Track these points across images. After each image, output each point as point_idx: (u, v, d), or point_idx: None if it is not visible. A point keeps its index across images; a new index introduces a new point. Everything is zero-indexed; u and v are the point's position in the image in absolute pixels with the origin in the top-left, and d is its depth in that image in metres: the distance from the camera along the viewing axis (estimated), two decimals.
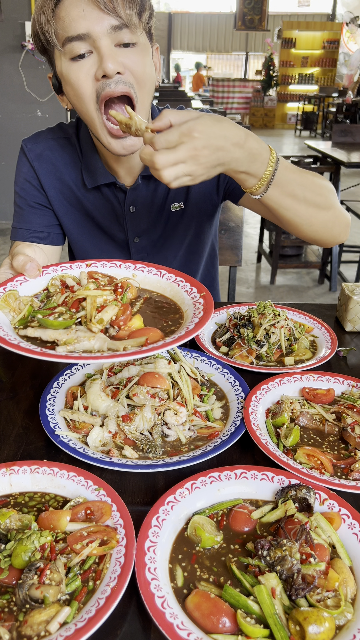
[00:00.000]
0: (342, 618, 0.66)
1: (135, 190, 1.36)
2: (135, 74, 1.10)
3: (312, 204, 1.15)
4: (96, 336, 0.90)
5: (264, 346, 1.26)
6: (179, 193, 1.41)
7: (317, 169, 4.51)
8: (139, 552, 0.72)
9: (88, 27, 1.05)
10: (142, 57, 1.12)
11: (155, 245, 1.48)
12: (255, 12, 17.05)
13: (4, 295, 0.97)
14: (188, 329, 0.92)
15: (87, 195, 1.40)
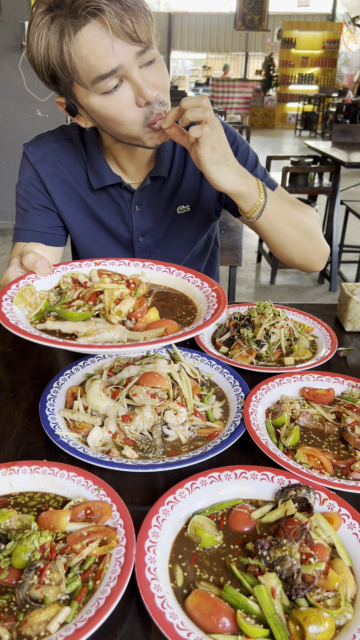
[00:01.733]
0: (342, 618, 0.66)
1: (142, 190, 1.37)
2: (163, 89, 1.14)
3: (298, 230, 1.31)
4: (116, 327, 0.91)
5: (264, 346, 1.26)
6: (185, 196, 1.43)
7: (317, 169, 4.52)
8: (139, 552, 0.72)
9: (119, 61, 1.04)
10: (162, 69, 1.15)
11: (159, 245, 1.48)
12: (255, 12, 17.06)
13: (20, 290, 0.97)
14: (205, 319, 0.92)
15: (92, 196, 1.40)
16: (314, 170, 4.53)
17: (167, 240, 1.48)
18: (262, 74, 17.31)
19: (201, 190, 1.43)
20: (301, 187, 4.62)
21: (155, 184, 1.39)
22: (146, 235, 1.44)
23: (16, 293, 0.96)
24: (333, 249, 4.55)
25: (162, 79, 1.14)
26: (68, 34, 1.02)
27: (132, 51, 1.05)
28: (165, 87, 1.15)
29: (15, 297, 0.95)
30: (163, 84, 1.14)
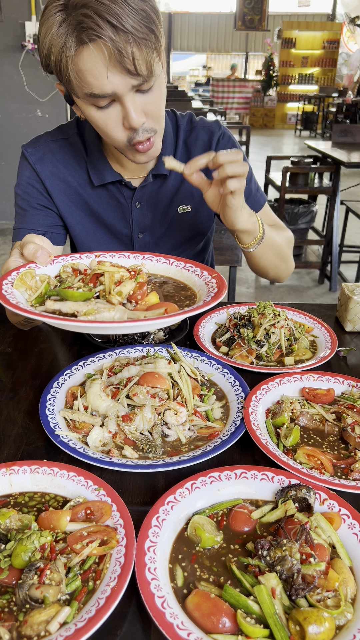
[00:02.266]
0: (342, 618, 0.66)
1: (144, 187, 1.38)
2: (154, 117, 1.14)
3: (279, 257, 1.46)
4: (116, 307, 0.91)
5: (264, 346, 1.26)
6: (187, 197, 1.44)
7: (317, 169, 4.52)
8: (139, 552, 0.72)
9: (113, 88, 1.04)
10: (158, 96, 1.13)
11: (158, 243, 1.49)
12: (255, 12, 17.05)
13: (21, 273, 0.97)
14: (206, 300, 0.93)
15: (92, 194, 1.41)
16: (314, 170, 4.53)
17: (167, 238, 1.49)
18: (262, 74, 17.31)
19: (199, 191, 1.42)
20: (301, 187, 4.62)
21: (156, 182, 1.40)
22: (145, 231, 1.45)
23: (17, 277, 0.96)
24: (333, 249, 4.55)
25: (155, 107, 1.13)
26: (69, 47, 1.00)
27: (129, 83, 1.04)
28: (156, 115, 1.14)
29: (16, 281, 0.95)
30: (155, 112, 1.14)
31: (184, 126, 1.42)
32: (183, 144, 1.42)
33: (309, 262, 4.75)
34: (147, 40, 0.99)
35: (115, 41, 0.96)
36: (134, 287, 0.95)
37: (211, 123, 1.44)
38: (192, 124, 1.43)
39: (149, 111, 1.12)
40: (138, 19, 0.97)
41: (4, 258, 5.16)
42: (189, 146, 1.42)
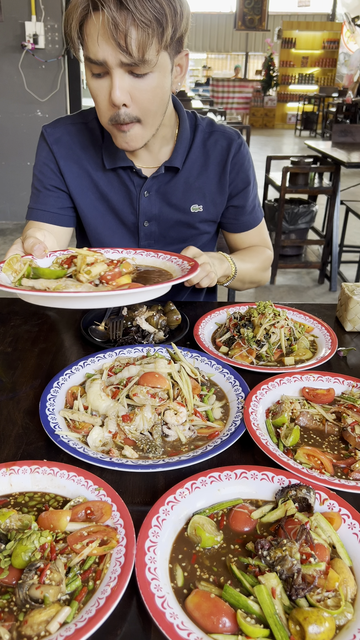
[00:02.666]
0: (342, 618, 0.66)
1: (155, 178, 1.41)
2: (141, 105, 1.17)
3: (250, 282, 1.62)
4: (83, 285, 0.99)
5: (264, 346, 1.26)
6: (198, 196, 1.47)
7: (317, 169, 4.52)
8: (139, 552, 0.72)
9: (104, 57, 1.09)
10: (153, 86, 1.15)
11: (164, 235, 1.51)
12: (255, 12, 17.04)
13: (8, 259, 1.07)
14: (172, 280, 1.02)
15: (104, 177, 1.44)
16: (314, 170, 4.53)
17: (174, 232, 1.51)
18: (262, 74, 17.30)
19: (218, 195, 1.49)
20: (301, 187, 4.62)
21: (167, 175, 1.43)
22: (152, 221, 1.47)
23: (4, 263, 1.06)
24: (333, 249, 4.55)
25: (144, 96, 1.15)
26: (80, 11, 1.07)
27: (118, 57, 1.07)
28: (143, 104, 1.16)
29: (4, 265, 1.06)
30: (142, 101, 1.16)
31: (203, 127, 1.46)
32: (201, 144, 1.45)
33: (309, 262, 4.75)
34: (147, 26, 1.04)
35: (114, 15, 1.01)
36: (105, 269, 1.01)
37: (231, 131, 1.48)
38: (213, 128, 1.47)
39: (135, 97, 1.15)
40: (147, 5, 1.02)
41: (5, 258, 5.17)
42: (208, 148, 1.45)
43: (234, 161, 1.46)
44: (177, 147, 1.39)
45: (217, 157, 1.44)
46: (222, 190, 1.49)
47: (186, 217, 1.48)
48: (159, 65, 1.13)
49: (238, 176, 1.49)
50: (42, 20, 5.39)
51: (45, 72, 5.61)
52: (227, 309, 1.49)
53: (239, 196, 1.51)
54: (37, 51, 5.48)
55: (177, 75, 1.24)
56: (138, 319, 1.35)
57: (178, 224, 1.49)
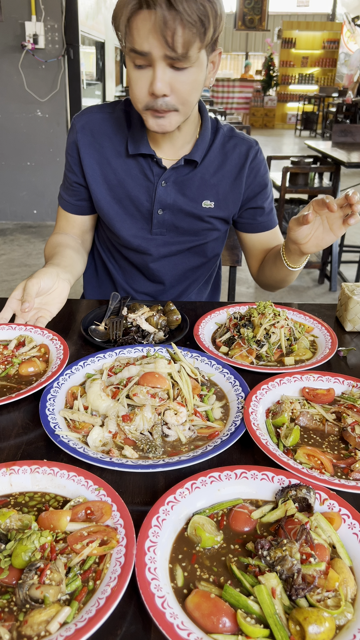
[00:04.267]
0: (342, 618, 0.66)
1: (174, 169, 1.48)
2: (180, 96, 1.25)
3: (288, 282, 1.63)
4: None
5: (264, 346, 1.26)
6: (211, 193, 1.53)
7: (317, 169, 4.51)
8: (139, 552, 0.72)
9: (150, 49, 1.16)
10: (191, 79, 1.24)
11: (176, 225, 1.55)
12: (255, 12, 17.06)
13: None
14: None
15: (123, 164, 1.50)
16: (314, 170, 4.53)
17: (185, 223, 1.55)
18: (262, 74, 17.30)
19: (230, 195, 1.54)
20: (301, 187, 4.62)
21: (186, 168, 1.49)
22: (166, 209, 1.52)
23: None
24: (333, 248, 4.55)
25: (183, 88, 1.23)
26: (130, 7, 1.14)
27: (162, 51, 1.15)
28: (182, 95, 1.25)
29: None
30: (182, 92, 1.24)
31: (224, 132, 1.53)
32: (220, 146, 1.51)
33: (309, 262, 4.75)
34: (192, 25, 1.12)
35: (165, 13, 1.10)
36: None
37: (250, 138, 1.56)
38: (233, 133, 1.55)
39: (176, 88, 1.23)
40: (194, 6, 1.11)
41: (4, 258, 5.17)
42: (226, 151, 1.52)
43: (251, 166, 1.53)
44: (198, 143, 1.47)
45: (234, 160, 1.52)
46: (236, 192, 1.54)
47: (197, 210, 1.53)
48: (198, 61, 1.22)
49: (255, 180, 1.56)
50: (42, 20, 5.39)
51: (45, 72, 5.61)
52: (227, 309, 1.49)
53: (256, 198, 1.58)
54: (37, 51, 5.48)
55: (210, 71, 1.32)
56: (138, 319, 1.35)
57: (189, 215, 1.54)
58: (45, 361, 1.23)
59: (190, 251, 1.61)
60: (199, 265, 1.67)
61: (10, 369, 1.19)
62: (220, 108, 11.20)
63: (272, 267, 1.57)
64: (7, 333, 1.33)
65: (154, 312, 1.39)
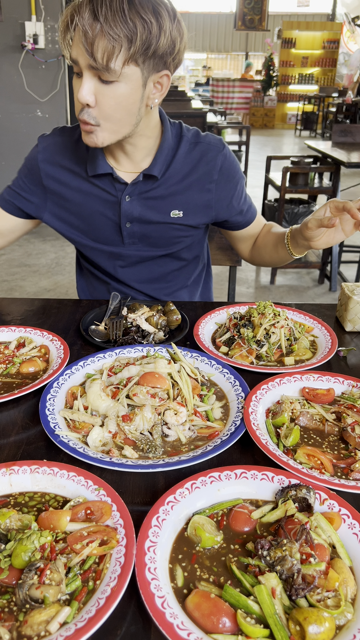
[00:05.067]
0: (342, 618, 0.66)
1: (135, 184, 1.45)
2: (103, 110, 1.24)
3: None
4: None
5: (264, 346, 1.26)
6: (180, 202, 1.49)
7: (317, 169, 4.51)
8: (139, 552, 0.72)
9: (76, 56, 1.19)
10: (117, 94, 1.22)
11: (147, 235, 1.53)
12: (255, 12, 17.05)
13: None
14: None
15: (84, 185, 1.48)
16: (314, 170, 4.53)
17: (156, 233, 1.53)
18: (262, 74, 17.30)
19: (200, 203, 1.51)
20: (301, 187, 4.62)
21: (147, 182, 1.46)
22: (133, 222, 1.50)
23: None
24: (333, 248, 4.55)
25: (107, 103, 1.23)
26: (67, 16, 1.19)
27: (86, 60, 1.17)
28: (105, 110, 1.24)
29: None
30: (105, 107, 1.23)
31: (188, 138, 1.48)
32: (185, 155, 1.47)
33: (309, 262, 4.75)
34: (113, 38, 1.13)
35: (88, 23, 1.13)
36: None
37: (217, 142, 1.51)
38: (198, 139, 1.50)
39: (99, 101, 1.23)
40: (118, 19, 1.12)
41: (4, 258, 5.17)
42: (192, 159, 1.48)
43: (221, 171, 1.50)
44: (156, 157, 1.43)
45: (202, 168, 1.48)
46: (206, 200, 1.51)
47: (166, 220, 1.51)
48: (126, 76, 1.19)
49: (228, 185, 1.52)
50: (42, 20, 5.39)
51: (45, 72, 5.61)
52: (227, 309, 1.49)
53: (232, 202, 1.55)
54: (37, 51, 5.48)
55: (154, 93, 1.29)
56: (138, 319, 1.35)
57: (159, 226, 1.52)
58: (45, 361, 1.23)
59: (167, 257, 1.60)
60: (179, 268, 1.66)
61: (11, 368, 1.19)
62: (220, 108, 11.19)
63: (272, 253, 1.58)
64: (7, 335, 1.33)
65: (154, 312, 1.39)
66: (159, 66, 1.24)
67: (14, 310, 1.52)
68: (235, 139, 8.36)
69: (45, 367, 1.21)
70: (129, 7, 1.12)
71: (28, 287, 4.49)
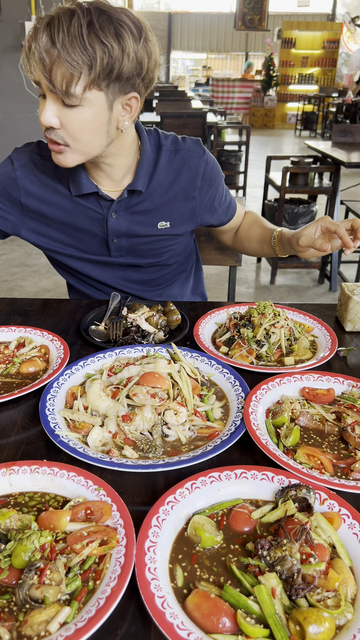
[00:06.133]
0: (342, 618, 0.66)
1: (120, 202, 1.43)
2: (68, 132, 1.21)
3: None
4: None
5: (264, 346, 1.26)
6: (166, 214, 1.49)
7: (317, 169, 4.51)
8: (139, 552, 0.72)
9: (38, 79, 1.17)
10: (82, 119, 1.19)
11: (135, 248, 1.53)
12: (255, 12, 17.05)
13: None
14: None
15: (69, 203, 1.45)
16: (314, 170, 4.52)
17: (144, 246, 1.53)
18: (262, 74, 17.29)
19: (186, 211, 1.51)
20: (301, 187, 4.62)
21: (132, 198, 1.44)
22: (121, 237, 1.49)
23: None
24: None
25: (72, 125, 1.19)
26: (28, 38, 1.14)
27: (46, 84, 1.14)
28: (71, 133, 1.21)
29: None
30: (71, 130, 1.20)
31: (168, 146, 1.46)
32: (167, 165, 1.45)
33: (309, 262, 4.75)
34: (71, 65, 1.09)
35: (42, 50, 1.10)
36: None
37: (197, 147, 1.49)
38: (177, 146, 1.47)
39: (64, 124, 1.20)
40: (76, 45, 1.08)
41: (4, 258, 5.17)
42: (175, 168, 1.46)
43: (204, 177, 1.49)
44: (138, 171, 1.41)
45: (185, 176, 1.47)
46: (191, 207, 1.51)
47: (154, 232, 1.50)
48: (89, 101, 1.16)
49: (211, 189, 1.52)
50: None
51: None
52: (227, 309, 1.49)
53: (214, 205, 1.55)
54: None
55: (124, 115, 1.26)
56: (138, 319, 1.35)
57: (146, 238, 1.51)
58: (45, 361, 1.23)
59: (156, 265, 1.60)
60: (169, 272, 1.66)
61: (11, 368, 1.19)
62: (220, 108, 11.20)
63: (256, 247, 1.62)
64: (7, 335, 1.33)
65: (154, 312, 1.39)
66: (126, 89, 1.20)
67: (14, 310, 1.52)
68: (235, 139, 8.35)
69: (45, 367, 1.21)
70: (87, 31, 1.09)
71: (28, 287, 4.49)
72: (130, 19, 1.15)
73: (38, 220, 1.49)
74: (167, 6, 20.71)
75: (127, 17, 1.15)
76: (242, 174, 7.04)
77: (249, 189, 7.65)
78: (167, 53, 20.17)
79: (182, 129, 6.36)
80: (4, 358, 1.22)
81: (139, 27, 1.17)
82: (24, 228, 1.50)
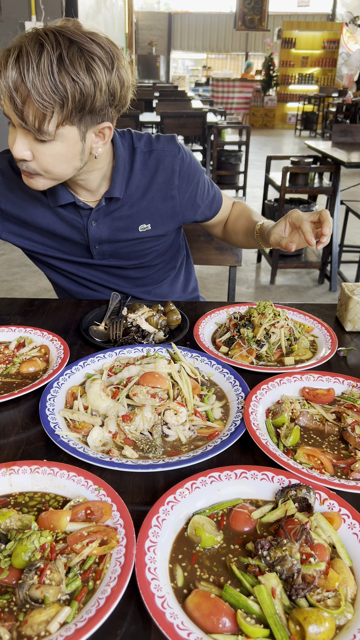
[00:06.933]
0: (342, 618, 0.66)
1: (98, 210, 1.43)
2: (41, 165, 1.19)
3: None
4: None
5: (264, 346, 1.26)
6: (146, 216, 1.48)
7: (317, 169, 4.51)
8: (139, 552, 0.72)
9: (7, 113, 1.13)
10: (54, 153, 1.17)
11: (117, 252, 1.52)
12: (255, 12, 17.07)
13: None
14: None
15: (47, 213, 1.45)
16: (314, 170, 4.52)
17: (126, 249, 1.52)
18: (262, 74, 17.29)
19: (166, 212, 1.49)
20: (301, 187, 4.62)
21: (111, 205, 1.43)
22: (103, 243, 1.49)
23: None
24: (333, 248, 4.55)
25: (44, 159, 1.18)
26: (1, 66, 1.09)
27: (17, 121, 1.11)
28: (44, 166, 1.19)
29: None
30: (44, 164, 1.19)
31: (142, 148, 1.44)
32: (142, 166, 1.44)
33: (309, 262, 4.75)
34: (44, 105, 1.07)
35: (12, 87, 1.06)
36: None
37: (171, 146, 1.46)
38: (151, 147, 1.45)
39: (37, 157, 1.18)
40: (47, 83, 1.05)
41: (4, 258, 5.17)
42: (150, 169, 1.44)
43: (181, 175, 1.47)
44: (114, 178, 1.39)
45: (161, 177, 1.45)
46: (170, 207, 1.50)
47: (135, 237, 1.49)
48: (62, 136, 1.15)
49: (190, 185, 1.51)
50: (42, 20, 5.38)
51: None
52: (227, 309, 1.49)
53: (197, 202, 1.54)
54: None
55: (97, 142, 1.24)
56: (138, 319, 1.35)
57: (128, 242, 1.50)
58: (45, 361, 1.23)
59: (141, 267, 1.60)
60: (156, 271, 1.66)
61: (11, 368, 1.19)
62: (220, 108, 11.20)
63: (243, 240, 1.62)
64: (7, 335, 1.33)
65: (154, 312, 1.39)
66: (98, 119, 1.19)
67: (14, 310, 1.52)
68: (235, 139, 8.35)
69: (45, 367, 1.21)
70: (58, 68, 1.05)
71: (28, 287, 4.49)
72: (101, 48, 1.11)
73: (18, 224, 1.48)
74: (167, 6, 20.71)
75: (98, 46, 1.11)
76: (242, 174, 7.05)
77: (249, 189, 7.65)
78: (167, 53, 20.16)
79: (182, 129, 6.36)
80: (4, 358, 1.22)
81: (111, 56, 1.13)
82: (4, 231, 1.50)
